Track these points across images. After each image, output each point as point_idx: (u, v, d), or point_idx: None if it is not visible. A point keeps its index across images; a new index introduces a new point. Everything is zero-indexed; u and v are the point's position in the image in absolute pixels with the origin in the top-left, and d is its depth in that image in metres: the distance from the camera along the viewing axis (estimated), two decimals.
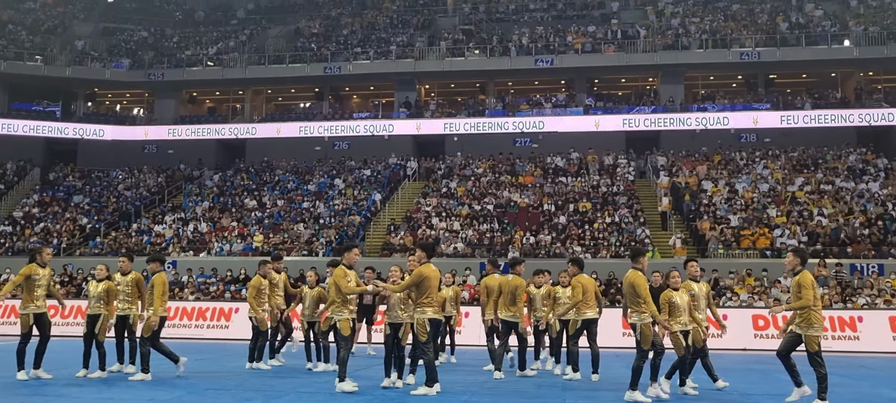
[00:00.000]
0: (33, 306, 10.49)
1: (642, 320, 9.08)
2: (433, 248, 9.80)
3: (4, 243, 29.54)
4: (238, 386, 10.14)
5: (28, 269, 10.54)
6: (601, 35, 36.64)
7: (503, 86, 38.47)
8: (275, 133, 36.23)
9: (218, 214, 30.34)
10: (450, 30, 39.08)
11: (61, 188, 34.81)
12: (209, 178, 34.77)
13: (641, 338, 9.07)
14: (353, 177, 32.95)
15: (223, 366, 12.97)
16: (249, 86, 39.31)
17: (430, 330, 9.19)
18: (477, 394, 9.61)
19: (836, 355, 16.71)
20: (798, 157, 31.01)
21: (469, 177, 31.76)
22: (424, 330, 9.16)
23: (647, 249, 9.70)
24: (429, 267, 9.30)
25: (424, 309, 9.19)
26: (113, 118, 39.48)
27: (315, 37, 40.13)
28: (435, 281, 9.33)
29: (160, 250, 27.57)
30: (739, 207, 26.56)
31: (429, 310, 9.21)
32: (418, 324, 9.19)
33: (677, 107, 34.21)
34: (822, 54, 33.50)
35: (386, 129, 35.17)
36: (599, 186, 29.86)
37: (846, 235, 23.94)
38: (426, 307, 9.20)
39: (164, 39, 42.16)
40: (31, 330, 10.48)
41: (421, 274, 9.19)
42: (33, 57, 37.58)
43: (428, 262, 9.35)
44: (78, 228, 30.49)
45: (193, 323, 20.40)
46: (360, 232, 27.66)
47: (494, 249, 25.31)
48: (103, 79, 38.27)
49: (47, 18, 42.25)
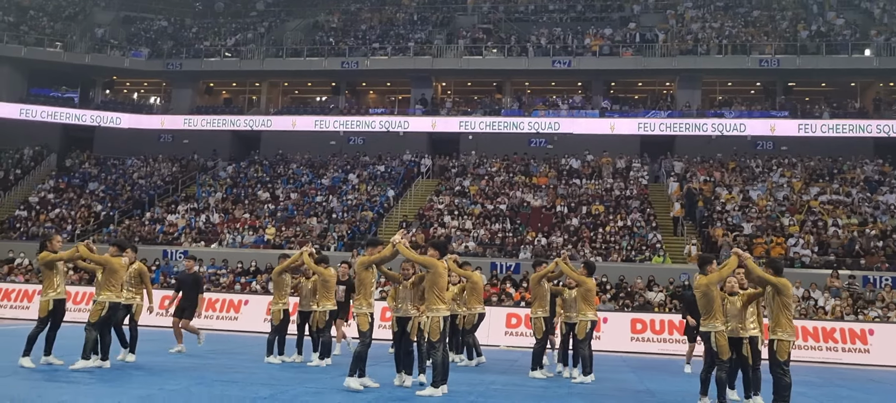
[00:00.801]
0: (54, 293, 10.51)
1: (715, 328, 8.86)
2: (445, 247, 9.77)
3: (20, 227, 29.82)
4: (246, 379, 10.19)
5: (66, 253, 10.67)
6: (619, 38, 36.51)
7: (520, 87, 38.41)
8: (290, 126, 36.35)
9: (231, 205, 30.48)
10: (468, 28, 39.05)
11: (77, 174, 35.09)
12: (223, 169, 34.95)
13: (718, 349, 8.81)
14: (367, 172, 33.00)
15: (232, 358, 13.03)
16: (266, 79, 39.46)
17: (442, 328, 9.17)
18: (484, 395, 9.60)
19: (846, 368, 16.61)
20: (814, 167, 30.78)
21: (483, 176, 31.74)
22: (437, 329, 9.14)
23: (713, 257, 9.41)
24: (442, 264, 9.33)
25: (438, 307, 9.16)
26: (130, 106, 39.75)
27: (333, 31, 40.23)
28: (445, 279, 9.35)
29: (173, 239, 27.77)
30: (753, 215, 26.40)
31: (442, 308, 9.19)
32: (432, 322, 9.15)
33: (694, 112, 34.04)
34: (842, 63, 33.21)
35: (401, 126, 35.21)
36: (613, 189, 29.76)
37: (860, 247, 23.75)
38: (439, 304, 9.17)
39: (183, 29, 42.40)
40: (49, 317, 10.50)
41: (435, 264, 9.18)
42: (53, 43, 37.89)
43: (441, 260, 9.34)
44: (92, 215, 30.72)
45: (203, 313, 20.46)
46: (372, 228, 27.71)
47: (506, 250, 25.30)
48: (122, 67, 38.54)
49: (68, 5, 42.58)
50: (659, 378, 12.82)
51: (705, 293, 8.85)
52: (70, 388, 8.78)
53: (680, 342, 17.63)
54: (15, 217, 30.77)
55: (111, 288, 10.60)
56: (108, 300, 10.51)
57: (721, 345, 8.79)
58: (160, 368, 10.97)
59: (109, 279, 10.60)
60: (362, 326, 9.44)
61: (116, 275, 10.70)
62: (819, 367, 16.22)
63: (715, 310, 8.84)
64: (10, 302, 21.12)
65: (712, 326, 8.84)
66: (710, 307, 8.84)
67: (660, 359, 16.66)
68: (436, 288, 9.15)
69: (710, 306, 8.84)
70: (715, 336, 8.81)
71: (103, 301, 10.49)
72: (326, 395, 9.01)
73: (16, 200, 32.94)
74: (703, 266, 9.10)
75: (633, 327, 18.83)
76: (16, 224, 30.14)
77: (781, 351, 8.43)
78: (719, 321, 8.83)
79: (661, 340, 18.50)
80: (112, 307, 10.59)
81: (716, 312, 8.83)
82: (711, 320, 8.84)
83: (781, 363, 8.41)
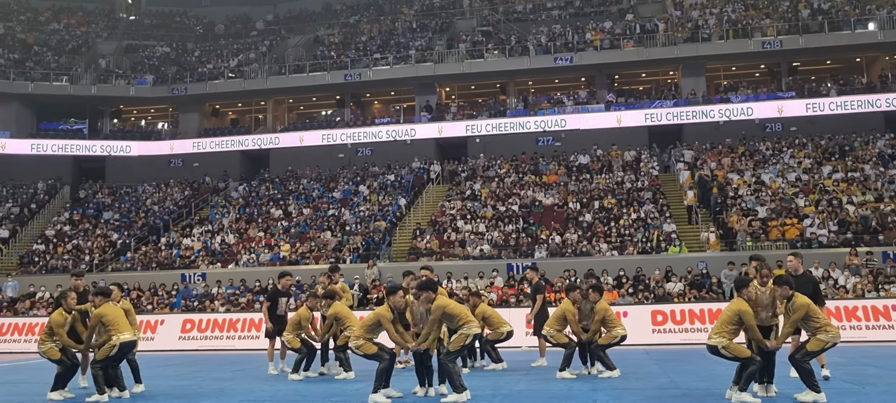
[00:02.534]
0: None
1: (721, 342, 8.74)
2: (434, 285, 9.71)
3: (38, 261, 30.06)
4: (271, 398, 10.24)
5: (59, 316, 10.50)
6: (620, 30, 36.48)
7: (523, 86, 38.42)
8: (298, 142, 36.50)
9: (244, 225, 30.62)
10: (468, 32, 39.11)
11: (91, 205, 35.35)
12: (234, 190, 35.12)
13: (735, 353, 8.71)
14: (378, 182, 33.09)
15: (256, 377, 13.09)
16: (271, 97, 39.65)
17: (466, 343, 9.30)
18: (509, 397, 9.62)
19: (871, 345, 16.52)
20: (825, 145, 30.63)
21: (492, 178, 31.76)
22: (461, 343, 9.25)
23: (750, 280, 9.28)
24: (443, 298, 9.45)
25: (470, 325, 9.26)
26: (139, 134, 40.05)
27: (334, 45, 40.38)
28: (454, 305, 9.45)
29: (190, 263, 27.94)
30: (767, 198, 26.30)
31: (474, 325, 9.30)
32: (458, 337, 9.23)
33: (699, 99, 33.96)
34: (846, 39, 33.03)
35: (408, 134, 35.28)
36: (624, 182, 29.72)
37: (877, 222, 23.62)
38: (471, 323, 9.28)
39: (186, 54, 42.67)
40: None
41: (441, 308, 9.23)
42: (59, 77, 38.21)
43: (437, 295, 9.40)
44: (109, 244, 30.94)
45: (225, 334, 20.64)
46: (386, 237, 27.78)
47: (521, 250, 25.31)
48: (128, 95, 38.84)
49: (71, 38, 42.94)
50: (683, 368, 12.79)
51: (739, 315, 8.69)
52: None
53: (702, 331, 17.59)
54: (33, 251, 31.03)
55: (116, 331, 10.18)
56: (118, 341, 10.04)
57: (736, 351, 8.67)
58: (183, 393, 11.04)
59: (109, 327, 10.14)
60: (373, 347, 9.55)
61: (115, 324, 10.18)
62: (843, 347, 16.12)
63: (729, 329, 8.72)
64: (33, 336, 21.30)
65: (719, 341, 8.71)
66: (730, 328, 8.71)
67: (683, 350, 16.60)
68: (456, 322, 9.24)
69: (730, 327, 8.71)
70: (726, 349, 8.68)
71: (114, 342, 10.03)
72: None
73: (33, 234, 33.22)
74: (739, 288, 8.97)
75: (654, 319, 18.79)
76: (35, 258, 30.39)
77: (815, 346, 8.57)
78: (726, 337, 8.71)
79: (682, 330, 18.45)
80: (122, 346, 10.11)
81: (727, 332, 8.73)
82: (720, 336, 8.72)
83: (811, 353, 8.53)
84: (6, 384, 13.18)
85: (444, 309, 9.22)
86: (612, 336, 11.69)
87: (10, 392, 11.89)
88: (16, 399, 10.90)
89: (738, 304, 8.78)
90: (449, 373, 9.19)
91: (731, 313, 8.76)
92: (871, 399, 9.02)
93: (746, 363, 8.65)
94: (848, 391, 9.63)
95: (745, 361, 8.65)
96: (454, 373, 9.15)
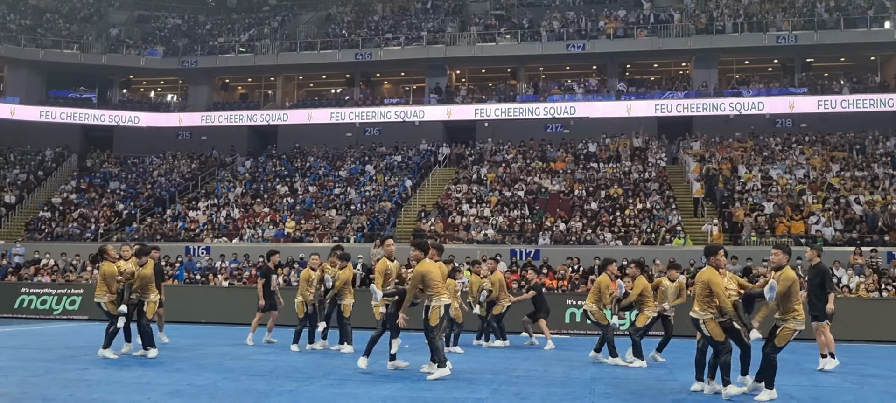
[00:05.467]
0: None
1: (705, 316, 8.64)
2: (426, 246, 10.15)
3: (44, 228, 30.19)
4: (272, 372, 10.30)
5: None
6: (633, 19, 36.24)
7: (534, 72, 38.26)
8: (306, 119, 36.48)
9: (250, 200, 30.67)
10: (481, 15, 38.92)
11: (98, 174, 35.45)
12: (241, 164, 35.16)
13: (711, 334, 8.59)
14: (385, 163, 33.07)
15: (257, 351, 13.16)
16: (281, 73, 39.60)
17: (442, 314, 9.82)
18: (506, 383, 9.65)
19: (869, 344, 16.48)
20: (835, 143, 30.43)
21: (500, 163, 31.70)
22: (437, 316, 9.75)
23: (720, 247, 9.07)
24: (425, 264, 9.83)
25: (440, 297, 9.80)
26: (147, 105, 40.07)
27: (346, 23, 40.25)
28: (437, 274, 9.86)
29: (194, 236, 28.03)
30: (774, 194, 26.18)
31: (444, 297, 9.86)
32: (433, 310, 9.75)
33: (711, 92, 33.77)
34: (861, 37, 32.75)
35: (417, 115, 35.21)
36: (631, 172, 29.62)
37: (884, 222, 23.49)
38: (441, 295, 9.82)
39: (197, 26, 42.60)
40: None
41: (419, 274, 9.77)
42: (70, 45, 38.22)
43: (425, 259, 9.86)
44: (114, 214, 31.04)
45: (227, 308, 20.66)
46: (390, 218, 27.78)
47: (525, 236, 25.28)
48: (138, 66, 38.83)
49: (83, 6, 42.90)
50: (681, 359, 12.76)
51: (708, 285, 8.54)
52: (99, 387, 8.91)
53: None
54: (39, 218, 31.15)
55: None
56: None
57: (713, 331, 8.55)
58: (185, 362, 11.11)
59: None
60: (376, 315, 10.70)
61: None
62: (844, 346, 16.09)
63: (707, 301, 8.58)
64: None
65: (701, 314, 8.61)
66: (707, 300, 8.58)
67: (681, 341, 16.57)
68: (430, 288, 9.77)
69: (706, 299, 8.59)
70: (705, 323, 8.59)
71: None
72: (352, 384, 9.10)
73: (39, 201, 33.34)
74: (708, 255, 8.79)
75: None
76: (40, 225, 30.52)
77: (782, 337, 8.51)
78: (711, 310, 8.58)
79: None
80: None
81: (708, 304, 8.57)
82: (701, 309, 8.62)
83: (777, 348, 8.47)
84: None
85: (423, 274, 9.74)
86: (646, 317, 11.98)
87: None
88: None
89: (707, 274, 8.64)
90: (434, 348, 9.71)
91: (701, 284, 8.63)
92: (871, 400, 9.00)
93: (718, 348, 8.55)
94: (848, 390, 9.62)
95: (717, 346, 8.56)
96: (437, 349, 9.71)
